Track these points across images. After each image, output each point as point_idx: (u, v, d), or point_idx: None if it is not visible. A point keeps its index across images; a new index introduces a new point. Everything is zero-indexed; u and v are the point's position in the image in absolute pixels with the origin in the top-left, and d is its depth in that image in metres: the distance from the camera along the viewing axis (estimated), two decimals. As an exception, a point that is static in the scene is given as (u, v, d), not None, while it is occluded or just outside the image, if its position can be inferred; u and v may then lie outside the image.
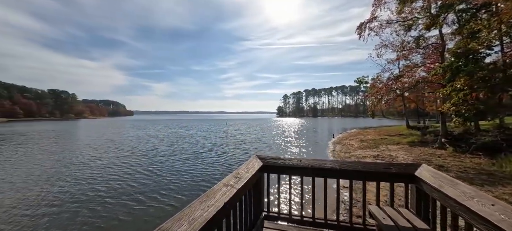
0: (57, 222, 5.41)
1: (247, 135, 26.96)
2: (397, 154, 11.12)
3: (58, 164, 11.67)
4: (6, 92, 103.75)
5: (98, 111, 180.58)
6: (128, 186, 7.99)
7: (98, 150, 16.30)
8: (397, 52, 15.79)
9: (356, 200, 5.40)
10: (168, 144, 19.26)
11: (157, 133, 29.65)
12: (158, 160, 12.55)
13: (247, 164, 2.11)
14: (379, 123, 55.07)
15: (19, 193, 7.37)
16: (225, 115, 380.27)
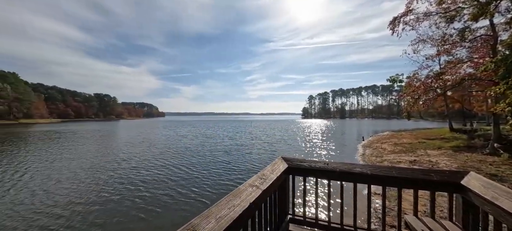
0: (105, 208, 6.08)
1: (272, 136, 26.92)
2: (438, 160, 10.09)
3: (104, 159, 13.04)
4: (61, 96, 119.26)
5: (134, 112, 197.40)
6: (163, 181, 8.62)
7: (137, 147, 17.81)
8: (438, 47, 14.34)
9: (390, 209, 5.06)
10: (197, 143, 20.21)
11: (187, 133, 31.29)
12: (189, 158, 13.25)
13: (272, 166, 2.09)
14: (416, 125, 50.43)
15: (74, 183, 8.44)
16: (249, 116, 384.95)
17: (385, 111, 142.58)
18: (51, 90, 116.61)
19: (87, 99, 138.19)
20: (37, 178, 9.39)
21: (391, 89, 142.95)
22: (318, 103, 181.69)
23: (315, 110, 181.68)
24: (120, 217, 5.76)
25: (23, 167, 11.22)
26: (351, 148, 17.08)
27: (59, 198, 7.11)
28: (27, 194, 7.44)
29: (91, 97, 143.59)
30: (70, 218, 5.72)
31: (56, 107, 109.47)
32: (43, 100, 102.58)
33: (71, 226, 5.31)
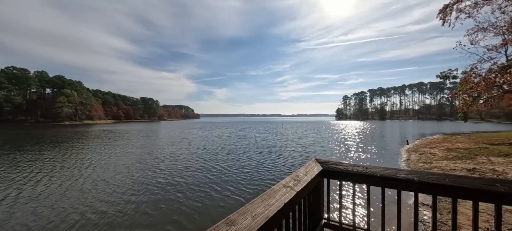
0: (153, 200, 6.80)
1: (304, 138, 26.33)
2: (505, 169, 8.58)
3: (150, 156, 14.49)
4: (114, 100, 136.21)
5: (173, 114, 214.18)
6: (202, 178, 9.22)
7: (177, 146, 19.34)
8: (504, 35, 12.22)
9: (441, 223, 4.52)
10: (231, 143, 20.99)
11: (221, 134, 32.68)
12: (225, 157, 13.87)
13: (306, 167, 2.04)
14: (475, 128, 43.50)
15: (127, 176, 9.61)
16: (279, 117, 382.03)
17: (435, 112, 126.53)
18: (107, 95, 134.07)
19: (135, 103, 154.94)
20: (99, 169, 10.94)
21: (442, 86, 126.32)
22: (354, 103, 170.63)
23: (350, 111, 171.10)
24: (165, 208, 6.37)
25: (89, 160, 13.21)
26: (393, 153, 15.65)
27: (116, 188, 8.18)
28: (91, 184, 8.75)
29: (138, 101, 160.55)
30: (125, 206, 6.55)
31: (111, 110, 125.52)
32: (100, 104, 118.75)
33: (127, 214, 6.08)
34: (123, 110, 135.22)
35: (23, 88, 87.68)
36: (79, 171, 10.87)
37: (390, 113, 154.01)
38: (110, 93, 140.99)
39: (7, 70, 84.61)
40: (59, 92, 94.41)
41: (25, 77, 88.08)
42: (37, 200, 7.12)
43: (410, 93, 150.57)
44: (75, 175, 10.12)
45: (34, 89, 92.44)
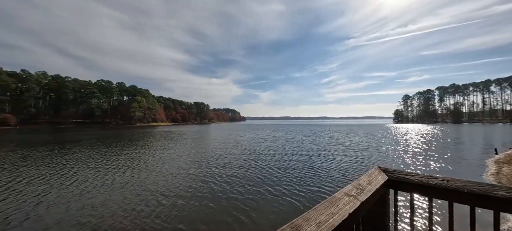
0: (212, 193, 7.56)
1: (357, 142, 24.37)
2: None
3: (206, 154, 15.98)
4: (173, 105, 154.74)
5: (222, 117, 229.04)
6: (254, 179, 9.68)
7: (228, 146, 20.68)
8: None
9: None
10: (278, 146, 21.19)
11: (267, 136, 33.31)
12: (275, 159, 14.17)
13: (368, 176, 1.87)
14: None
15: (189, 171, 10.91)
16: (326, 120, 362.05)
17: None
18: (167, 101, 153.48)
19: (189, 107, 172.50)
20: (167, 165, 12.71)
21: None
22: (418, 104, 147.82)
23: (413, 112, 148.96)
24: (225, 204, 7.00)
25: (158, 156, 15.49)
26: (474, 164, 12.98)
27: (181, 182, 9.38)
28: (161, 176, 10.27)
29: (192, 105, 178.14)
30: (190, 198, 7.49)
31: (170, 113, 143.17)
32: (162, 108, 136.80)
33: (192, 205, 6.96)
34: (180, 114, 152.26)
35: (108, 97, 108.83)
36: (152, 165, 12.87)
37: (468, 114, 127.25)
38: (170, 99, 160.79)
39: (98, 83, 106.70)
40: (133, 99, 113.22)
41: (110, 87, 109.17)
42: (125, 187, 8.80)
43: (498, 90, 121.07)
44: (149, 168, 12.04)
45: (116, 97, 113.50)
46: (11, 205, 6.99)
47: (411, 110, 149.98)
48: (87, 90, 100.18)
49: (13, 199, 7.49)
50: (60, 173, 10.93)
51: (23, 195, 7.92)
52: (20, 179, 9.92)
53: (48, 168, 12.06)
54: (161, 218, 6.15)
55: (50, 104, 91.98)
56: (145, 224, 5.82)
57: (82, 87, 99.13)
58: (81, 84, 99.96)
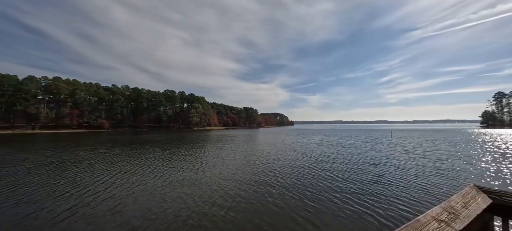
0: (272, 196, 7.62)
1: (433, 151, 20.58)
2: None
3: (261, 157, 16.31)
4: (224, 110, 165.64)
5: (270, 121, 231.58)
6: (317, 185, 9.33)
7: (281, 150, 20.58)
8: None
9: None
10: (335, 152, 19.89)
11: (320, 141, 31.78)
12: (333, 166, 13.34)
13: (462, 197, 1.49)
14: None
15: (245, 172, 11.35)
16: (386, 125, 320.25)
17: None
18: (220, 106, 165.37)
19: (239, 112, 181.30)
20: (225, 167, 13.54)
21: None
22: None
23: (510, 114, 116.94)
24: (286, 211, 6.93)
25: (217, 156, 16.71)
26: None
27: (241, 182, 9.81)
28: (225, 175, 10.97)
29: (241, 110, 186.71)
30: (252, 199, 7.72)
31: (222, 118, 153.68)
32: (215, 114, 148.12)
33: (254, 205, 7.15)
34: (231, 118, 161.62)
35: (172, 104, 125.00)
36: (213, 165, 13.92)
37: None
38: (222, 104, 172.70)
39: (164, 93, 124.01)
40: (191, 106, 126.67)
41: (173, 96, 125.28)
42: (195, 184, 9.76)
43: None
44: (215, 165, 13.05)
45: (178, 104, 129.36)
46: (115, 191, 8.69)
47: (509, 111, 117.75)
48: (157, 99, 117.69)
49: (117, 186, 9.31)
50: (145, 167, 13.01)
51: (124, 183, 9.77)
52: (119, 171, 12.28)
53: (137, 162, 14.57)
54: (231, 215, 6.53)
55: (131, 111, 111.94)
56: (218, 218, 6.30)
57: (153, 97, 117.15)
58: (152, 94, 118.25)
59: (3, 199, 7.92)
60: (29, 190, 8.95)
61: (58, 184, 9.70)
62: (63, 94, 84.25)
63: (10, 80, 74.27)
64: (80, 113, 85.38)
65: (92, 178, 10.73)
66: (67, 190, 8.93)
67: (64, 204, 7.37)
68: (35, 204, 7.38)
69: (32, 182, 10.10)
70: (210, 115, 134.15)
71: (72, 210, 6.88)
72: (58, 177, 10.91)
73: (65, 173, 11.79)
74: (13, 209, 7.03)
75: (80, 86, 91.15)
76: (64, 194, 8.38)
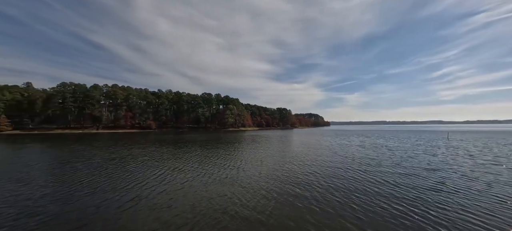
0: (314, 198, 7.36)
1: (508, 157, 17.18)
2: None
3: (299, 157, 15.93)
4: (258, 111, 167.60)
5: (304, 122, 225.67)
6: (362, 190, 8.72)
7: (319, 152, 19.79)
8: None
9: None
10: (381, 155, 18.24)
11: (362, 143, 29.56)
12: (382, 171, 12.28)
13: None
14: None
15: (283, 172, 11.22)
16: (441, 125, 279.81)
17: None
18: (253, 108, 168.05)
19: (272, 113, 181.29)
20: (263, 167, 13.63)
21: None
22: None
23: None
24: (337, 215, 6.61)
25: (255, 155, 16.96)
26: None
27: (281, 183, 9.73)
28: (264, 173, 11.05)
29: (275, 111, 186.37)
30: (293, 199, 7.58)
31: (256, 119, 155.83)
32: (249, 115, 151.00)
33: (295, 205, 7.00)
34: (264, 119, 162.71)
35: (209, 106, 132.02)
36: (252, 164, 14.15)
37: None
38: (256, 105, 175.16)
39: (202, 95, 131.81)
40: (226, 107, 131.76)
41: (210, 99, 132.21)
42: (236, 182, 10.05)
43: None
44: (250, 166, 13.27)
45: (214, 106, 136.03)
46: (167, 186, 9.55)
47: None
48: (195, 101, 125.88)
49: (168, 181, 10.23)
50: (190, 165, 14.00)
51: (174, 179, 10.69)
52: (169, 167, 13.49)
53: (183, 160, 15.81)
54: (275, 215, 6.53)
55: (173, 113, 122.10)
56: (264, 216, 6.37)
57: (192, 99, 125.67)
58: (192, 97, 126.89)
59: (83, 188, 9.44)
60: (100, 181, 10.49)
61: (121, 178, 11.13)
62: (119, 99, 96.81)
63: (81, 88, 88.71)
64: (133, 115, 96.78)
65: (147, 173, 12.01)
66: (128, 183, 10.18)
67: (128, 195, 8.41)
68: (106, 194, 8.60)
69: (102, 174, 11.82)
70: (244, 116, 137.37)
71: (134, 201, 7.80)
72: (120, 171, 12.53)
73: (125, 168, 13.48)
74: (90, 197, 8.32)
75: (132, 92, 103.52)
76: (126, 186, 9.57)
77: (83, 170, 12.94)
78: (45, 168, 13.51)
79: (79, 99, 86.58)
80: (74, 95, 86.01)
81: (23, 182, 10.20)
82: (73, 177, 11.16)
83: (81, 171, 12.67)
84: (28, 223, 6.12)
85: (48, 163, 15.20)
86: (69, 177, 11.27)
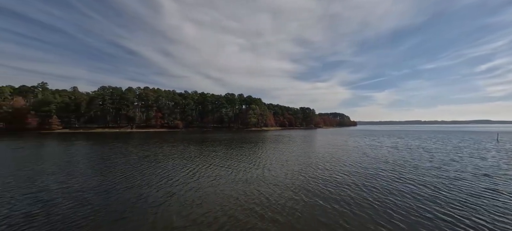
0: (345, 198, 7.02)
1: None
2: None
3: (326, 158, 15.38)
4: (280, 111, 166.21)
5: (329, 122, 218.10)
6: (407, 195, 8.11)
7: (348, 153, 18.83)
8: None
9: None
10: (416, 158, 16.77)
11: (394, 145, 27.53)
12: (420, 174, 11.31)
13: None
14: None
15: (309, 174, 10.90)
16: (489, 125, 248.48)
17: None
18: (276, 107, 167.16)
19: (295, 112, 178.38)
20: (291, 162, 13.43)
21: None
22: None
23: None
24: (373, 222, 6.22)
25: (281, 155, 16.79)
26: None
27: (306, 182, 9.46)
28: (290, 173, 10.87)
29: (297, 110, 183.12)
30: (322, 200, 7.30)
31: (278, 119, 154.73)
32: (272, 115, 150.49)
33: (325, 206, 6.72)
34: (287, 119, 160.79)
35: (232, 106, 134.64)
36: (278, 164, 14.03)
37: None
38: (278, 105, 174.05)
39: (225, 96, 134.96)
40: (249, 107, 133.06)
41: (233, 99, 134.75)
42: (262, 183, 10.04)
43: None
44: (276, 166, 13.16)
45: (237, 106, 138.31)
46: (197, 183, 9.92)
47: None
48: (219, 101, 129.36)
49: (198, 178, 10.63)
50: (218, 163, 14.38)
51: (203, 176, 11.08)
52: (197, 164, 14.03)
53: (210, 158, 16.32)
54: (304, 215, 6.37)
55: (198, 113, 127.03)
56: (293, 217, 6.26)
57: (216, 100, 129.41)
58: (216, 97, 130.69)
59: (123, 182, 10.26)
60: (137, 176, 11.30)
61: (155, 174, 11.86)
62: (150, 100, 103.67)
63: (118, 91, 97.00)
64: (162, 115, 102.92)
65: (177, 170, 12.63)
66: (161, 179, 10.81)
67: (161, 191, 8.92)
68: (142, 189, 9.23)
69: (138, 170, 12.73)
70: (266, 116, 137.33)
71: (167, 197, 8.25)
72: (153, 168, 13.36)
73: (158, 164, 14.35)
74: (129, 191, 9.00)
75: (162, 93, 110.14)
76: (159, 183, 10.16)
77: (122, 166, 14.08)
78: (90, 164, 14.99)
79: (116, 101, 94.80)
80: (111, 97, 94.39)
81: (73, 175, 11.44)
82: (114, 172, 12.19)
83: (120, 166, 13.80)
84: (80, 212, 6.83)
85: (93, 159, 16.85)
86: (110, 172, 12.35)
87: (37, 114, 77.99)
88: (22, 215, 6.58)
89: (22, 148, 23.75)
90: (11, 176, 11.34)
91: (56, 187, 9.39)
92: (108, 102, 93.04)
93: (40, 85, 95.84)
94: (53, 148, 24.17)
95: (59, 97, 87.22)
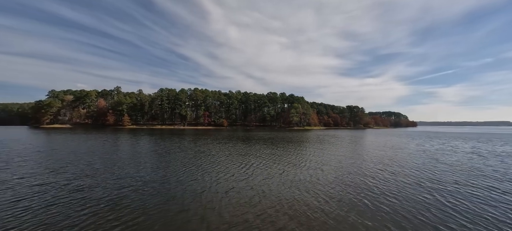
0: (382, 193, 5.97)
1: None
2: None
3: (382, 161, 13.77)
4: (325, 109, 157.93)
5: (381, 122, 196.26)
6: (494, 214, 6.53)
7: (412, 158, 16.40)
8: None
9: None
10: (508, 167, 13.34)
11: (474, 150, 22.66)
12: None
13: None
14: None
15: (368, 173, 9.78)
16: None
17: None
18: (319, 106, 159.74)
19: (341, 111, 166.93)
20: (344, 164, 12.40)
21: None
22: None
23: None
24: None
25: (331, 156, 15.77)
26: None
27: (366, 185, 8.48)
28: (346, 177, 10.00)
29: (344, 109, 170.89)
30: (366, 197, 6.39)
31: (322, 118, 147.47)
32: (315, 113, 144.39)
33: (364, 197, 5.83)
34: (332, 118, 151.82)
35: (274, 105, 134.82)
36: (328, 164, 13.17)
37: None
38: (322, 104, 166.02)
39: (268, 95, 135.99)
40: (291, 106, 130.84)
41: (275, 97, 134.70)
42: (318, 182, 9.50)
43: None
44: (328, 167, 12.35)
45: (279, 105, 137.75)
46: (249, 182, 10.09)
47: None
48: (261, 101, 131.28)
49: (249, 175, 10.84)
50: (267, 161, 14.42)
51: (254, 173, 11.26)
52: (248, 162, 14.36)
53: (259, 156, 16.57)
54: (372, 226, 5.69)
55: (241, 112, 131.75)
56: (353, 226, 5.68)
57: (258, 99, 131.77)
58: (258, 96, 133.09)
59: (183, 175, 11.26)
60: (196, 170, 12.24)
61: (212, 170, 12.60)
62: (199, 100, 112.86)
63: (173, 92, 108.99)
64: (209, 114, 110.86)
65: (232, 167, 13.16)
66: (218, 174, 11.43)
67: (218, 186, 9.38)
68: (201, 183, 9.89)
69: (195, 164, 13.82)
70: (309, 115, 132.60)
71: (224, 193, 8.59)
72: (209, 164, 14.28)
73: (213, 160, 15.31)
74: (191, 184, 9.77)
75: (209, 94, 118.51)
76: (217, 178, 10.73)
77: (182, 159, 15.54)
78: (155, 155, 17.05)
79: (171, 101, 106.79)
80: (168, 98, 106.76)
81: (144, 167, 13.17)
82: (176, 166, 13.51)
83: (181, 160, 15.24)
84: (150, 202, 7.74)
85: (157, 151, 19.16)
86: (173, 165, 13.75)
87: (114, 113, 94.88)
88: (116, 197, 7.83)
89: (107, 141, 28.82)
90: (106, 162, 13.81)
91: (131, 176, 10.94)
92: (165, 102, 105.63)
93: (116, 89, 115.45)
94: (127, 142, 28.57)
95: (129, 99, 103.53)
